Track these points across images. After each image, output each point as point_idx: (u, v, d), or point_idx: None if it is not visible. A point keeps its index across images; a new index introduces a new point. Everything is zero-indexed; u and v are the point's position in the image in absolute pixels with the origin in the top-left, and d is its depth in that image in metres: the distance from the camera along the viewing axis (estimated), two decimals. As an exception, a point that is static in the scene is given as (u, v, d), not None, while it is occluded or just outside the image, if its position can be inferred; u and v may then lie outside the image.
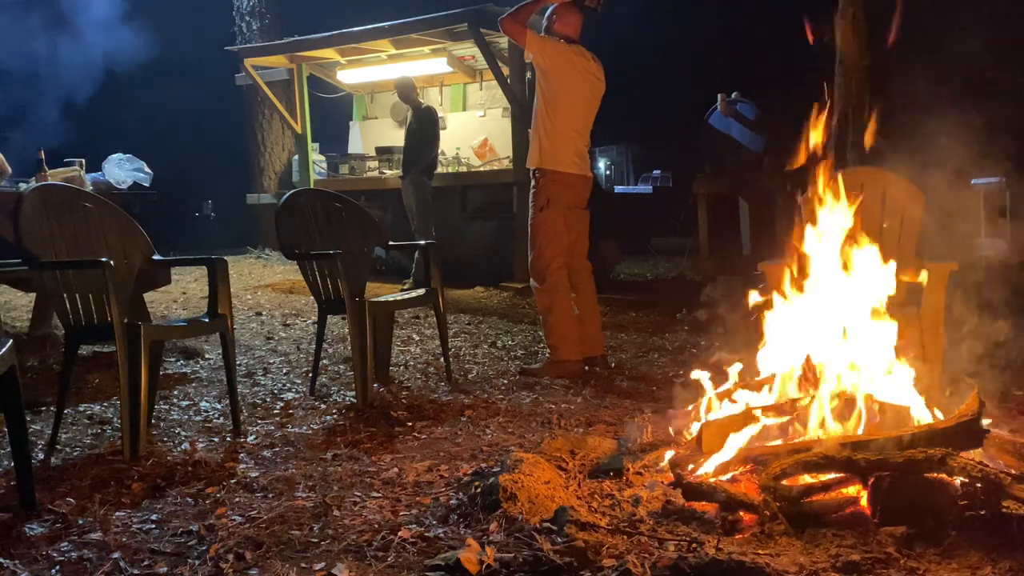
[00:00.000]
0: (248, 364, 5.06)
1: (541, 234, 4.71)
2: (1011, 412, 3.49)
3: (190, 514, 2.63)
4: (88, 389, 4.32)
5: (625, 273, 10.05)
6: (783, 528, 2.33)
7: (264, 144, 12.96)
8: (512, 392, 4.37)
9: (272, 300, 7.81)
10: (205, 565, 2.25)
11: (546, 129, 4.69)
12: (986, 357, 4.38)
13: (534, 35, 4.64)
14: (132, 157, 7.04)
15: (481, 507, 2.52)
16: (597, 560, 2.13)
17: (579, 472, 2.87)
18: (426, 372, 4.88)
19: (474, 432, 3.59)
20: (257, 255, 11.70)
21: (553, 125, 4.68)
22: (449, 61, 9.89)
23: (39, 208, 3.37)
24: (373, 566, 2.23)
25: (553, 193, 4.68)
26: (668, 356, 5.30)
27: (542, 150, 4.70)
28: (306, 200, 4.57)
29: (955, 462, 2.35)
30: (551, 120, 4.68)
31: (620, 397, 4.24)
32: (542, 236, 4.71)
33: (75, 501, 2.72)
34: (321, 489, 2.83)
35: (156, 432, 3.60)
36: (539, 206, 4.70)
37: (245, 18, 13.16)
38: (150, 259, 3.70)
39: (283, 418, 3.86)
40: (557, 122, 4.68)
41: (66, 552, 2.34)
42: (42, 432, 3.53)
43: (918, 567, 2.11)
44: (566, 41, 4.72)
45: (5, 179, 5.35)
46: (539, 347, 5.61)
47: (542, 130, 4.70)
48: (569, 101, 4.71)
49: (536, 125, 4.75)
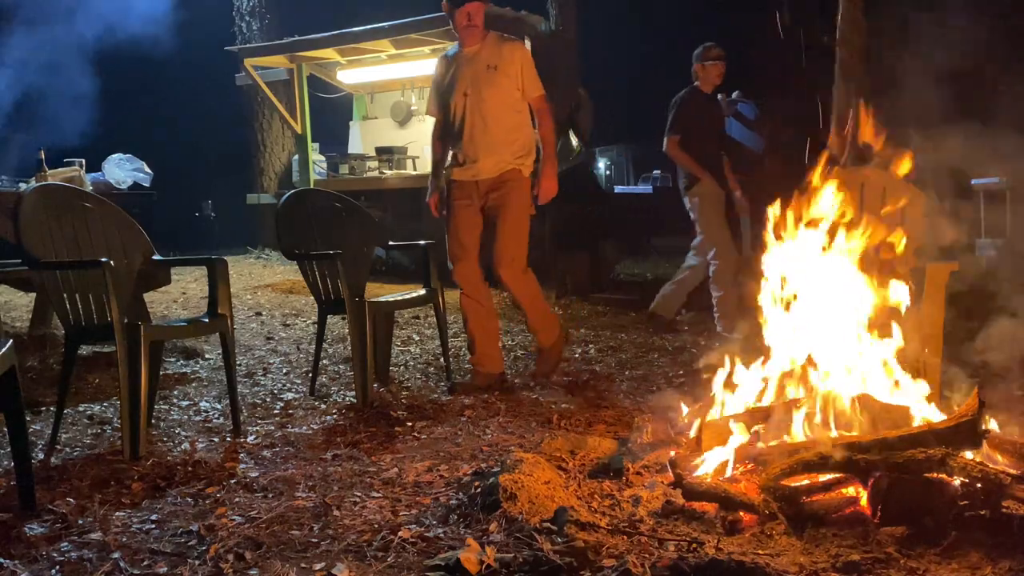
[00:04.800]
0: (248, 364, 5.06)
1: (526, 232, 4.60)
2: (1011, 412, 3.48)
3: (190, 514, 2.63)
4: (88, 389, 4.32)
5: (625, 273, 10.04)
6: (783, 528, 2.33)
7: (264, 144, 12.96)
8: (512, 392, 4.36)
9: (272, 300, 7.81)
10: (205, 565, 2.25)
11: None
12: (986, 357, 4.38)
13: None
14: (132, 157, 7.06)
15: (481, 507, 2.52)
16: (597, 560, 2.13)
17: (579, 472, 2.87)
18: (426, 372, 4.88)
19: (474, 432, 3.59)
20: (257, 255, 11.69)
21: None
22: (449, 61, 9.88)
23: (39, 208, 3.37)
24: (373, 566, 2.23)
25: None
26: (668, 356, 5.30)
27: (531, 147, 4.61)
28: (306, 200, 4.57)
29: (955, 462, 2.35)
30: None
31: (620, 397, 4.24)
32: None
33: (75, 501, 2.72)
34: (321, 489, 2.83)
35: (156, 432, 3.60)
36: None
37: (245, 18, 13.16)
38: (150, 259, 3.70)
39: (283, 418, 3.86)
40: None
41: (66, 552, 2.34)
42: (42, 432, 3.53)
43: (918, 567, 2.11)
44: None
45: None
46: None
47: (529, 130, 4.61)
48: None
49: (521, 123, 4.57)
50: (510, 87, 4.45)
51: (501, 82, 4.42)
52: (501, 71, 4.42)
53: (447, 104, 4.52)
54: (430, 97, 4.68)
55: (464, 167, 4.48)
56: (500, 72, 4.42)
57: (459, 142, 4.49)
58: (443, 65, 4.58)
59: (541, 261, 8.46)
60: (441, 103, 4.58)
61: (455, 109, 4.46)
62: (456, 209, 4.51)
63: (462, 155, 4.49)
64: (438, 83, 4.58)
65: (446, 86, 4.53)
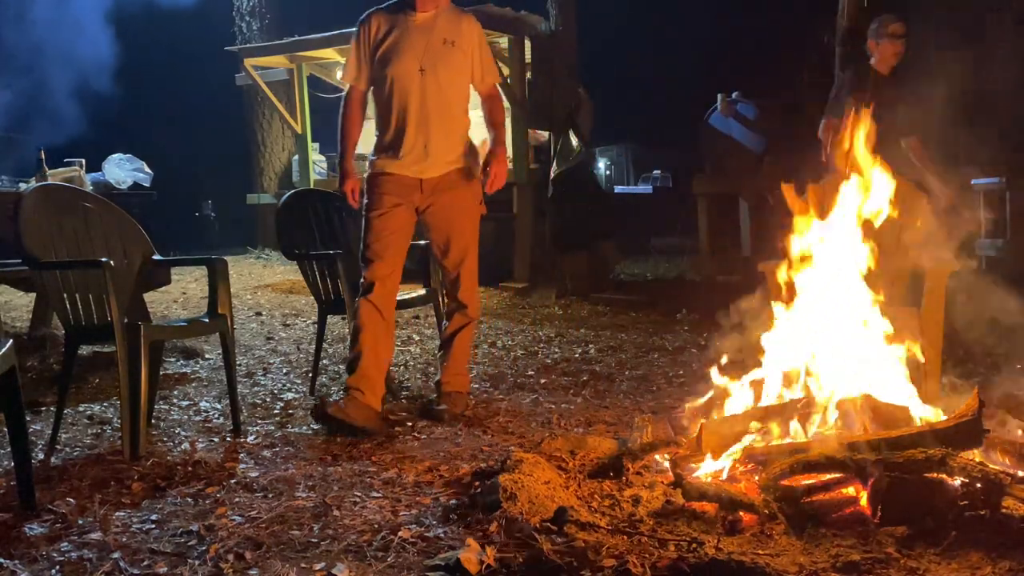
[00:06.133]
0: (248, 364, 5.06)
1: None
2: (1012, 412, 3.48)
3: (190, 514, 2.63)
4: (88, 389, 4.32)
5: (625, 273, 10.04)
6: (783, 528, 2.33)
7: (264, 144, 12.96)
8: (512, 392, 4.36)
9: (272, 300, 7.81)
10: (205, 565, 2.25)
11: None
12: (986, 357, 4.39)
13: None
14: (132, 157, 7.06)
15: (481, 507, 2.52)
16: (597, 560, 2.13)
17: (579, 472, 2.87)
18: (426, 372, 4.88)
19: (474, 432, 3.59)
20: (257, 255, 11.70)
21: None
22: (449, 61, 9.89)
23: (39, 208, 3.37)
24: (373, 566, 2.23)
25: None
26: (668, 356, 5.30)
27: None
28: (306, 200, 4.57)
29: (955, 462, 2.35)
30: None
31: (620, 397, 4.24)
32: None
33: (75, 501, 2.72)
34: (321, 489, 2.83)
35: (156, 432, 3.60)
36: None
37: (245, 18, 13.17)
38: (150, 259, 3.70)
39: (283, 418, 3.86)
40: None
41: (66, 552, 2.34)
42: (42, 432, 3.53)
43: (918, 567, 2.11)
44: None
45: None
46: (539, 347, 5.62)
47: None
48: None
49: (466, 113, 3.90)
50: (467, 69, 3.78)
51: (460, 63, 3.75)
52: (459, 49, 3.73)
53: (382, 75, 3.70)
54: (352, 60, 3.81)
55: (404, 160, 3.71)
56: (458, 50, 3.73)
57: (401, 127, 3.70)
58: (380, 23, 3.73)
59: (541, 261, 8.53)
60: (376, 73, 3.75)
61: (402, 85, 3.66)
62: (386, 207, 3.74)
63: (403, 144, 3.70)
64: (370, 45, 3.74)
65: (386, 52, 3.69)
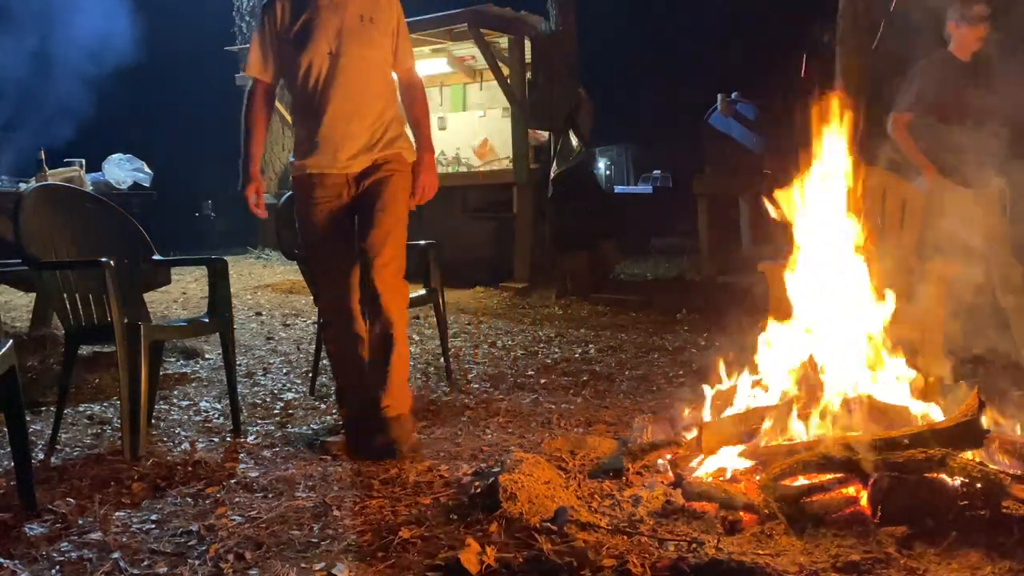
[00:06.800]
0: (248, 364, 5.06)
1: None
2: (1012, 413, 3.48)
3: (190, 514, 2.63)
4: (88, 389, 4.32)
5: (625, 273, 10.04)
6: (783, 528, 2.33)
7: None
8: (512, 392, 4.36)
9: (272, 300, 7.81)
10: (205, 565, 2.25)
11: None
12: (986, 357, 4.38)
13: None
14: (132, 157, 7.07)
15: (481, 507, 2.52)
16: (597, 560, 2.13)
17: (579, 472, 2.87)
18: (426, 372, 4.88)
19: (474, 432, 3.59)
20: (257, 255, 11.70)
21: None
22: (449, 61, 9.90)
23: (39, 208, 3.37)
24: (373, 566, 2.23)
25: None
26: (668, 356, 5.30)
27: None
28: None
29: (955, 462, 2.35)
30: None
31: (620, 397, 4.24)
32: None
33: (75, 501, 2.72)
34: (321, 489, 2.83)
35: (156, 432, 3.60)
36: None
37: (245, 18, 13.16)
38: (150, 259, 3.70)
39: (283, 418, 3.86)
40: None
41: (66, 552, 2.34)
42: (42, 432, 3.53)
43: (918, 567, 2.11)
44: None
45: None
46: (539, 347, 5.62)
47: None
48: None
49: (393, 94, 3.54)
50: (387, 47, 3.39)
51: (378, 40, 3.36)
52: (378, 25, 3.35)
53: (295, 63, 3.31)
54: (255, 50, 3.41)
55: (325, 155, 3.34)
56: (376, 27, 3.35)
57: (318, 119, 3.32)
58: (285, 6, 3.34)
59: (541, 261, 8.54)
60: (282, 61, 3.38)
61: (313, 71, 3.29)
62: (319, 213, 3.38)
63: (322, 135, 3.32)
64: (274, 30, 3.36)
65: (296, 37, 3.31)
